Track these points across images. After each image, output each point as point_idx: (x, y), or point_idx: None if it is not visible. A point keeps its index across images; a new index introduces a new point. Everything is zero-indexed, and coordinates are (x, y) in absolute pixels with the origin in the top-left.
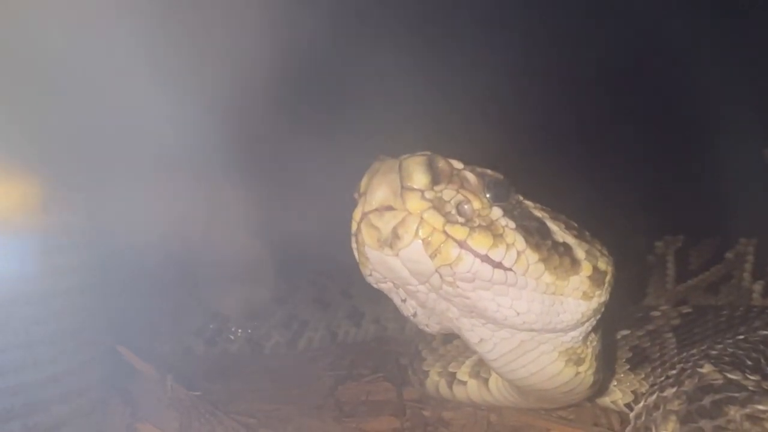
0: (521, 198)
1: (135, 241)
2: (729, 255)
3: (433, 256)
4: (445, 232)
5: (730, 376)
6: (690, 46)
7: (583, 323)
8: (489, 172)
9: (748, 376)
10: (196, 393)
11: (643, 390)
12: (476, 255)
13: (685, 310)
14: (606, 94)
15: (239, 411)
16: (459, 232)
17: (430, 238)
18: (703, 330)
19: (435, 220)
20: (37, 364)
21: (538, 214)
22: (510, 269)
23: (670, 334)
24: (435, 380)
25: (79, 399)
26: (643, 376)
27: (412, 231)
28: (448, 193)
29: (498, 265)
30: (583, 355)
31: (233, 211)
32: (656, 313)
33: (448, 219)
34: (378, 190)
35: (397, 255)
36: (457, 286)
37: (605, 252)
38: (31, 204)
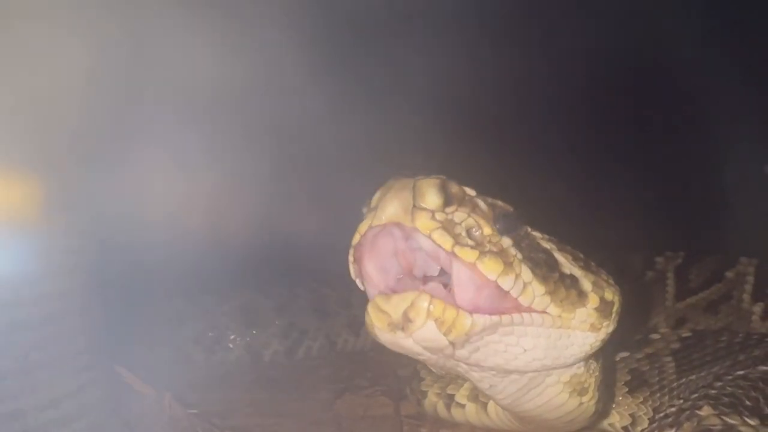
0: (529, 229)
1: (132, 246)
2: (729, 274)
3: (447, 333)
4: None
5: (728, 420)
6: (695, 54)
7: (591, 354)
8: (500, 203)
9: (747, 419)
10: (194, 411)
11: (641, 413)
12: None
13: (685, 334)
14: (604, 102)
15: (237, 426)
16: (468, 254)
17: (442, 317)
18: (702, 356)
19: (444, 240)
20: (35, 390)
21: (546, 245)
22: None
23: (669, 358)
24: (433, 401)
25: (79, 422)
26: (641, 399)
27: (424, 312)
28: (459, 216)
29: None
30: (586, 385)
31: (233, 217)
32: (656, 336)
33: (458, 241)
34: (389, 206)
35: (410, 337)
36: (470, 342)
37: (611, 282)
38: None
